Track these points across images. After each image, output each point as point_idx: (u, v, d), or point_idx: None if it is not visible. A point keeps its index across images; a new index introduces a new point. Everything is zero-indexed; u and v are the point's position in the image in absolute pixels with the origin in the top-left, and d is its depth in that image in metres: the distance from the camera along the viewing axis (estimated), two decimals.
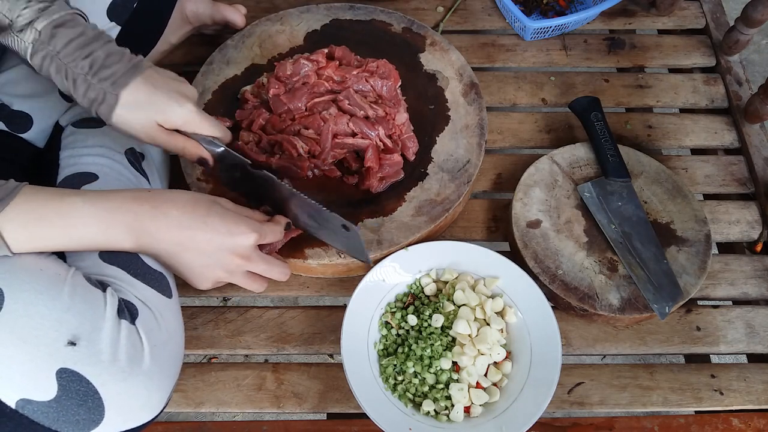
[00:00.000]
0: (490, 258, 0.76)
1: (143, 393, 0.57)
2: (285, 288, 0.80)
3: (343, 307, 0.73)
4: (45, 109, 0.75)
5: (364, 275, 0.74)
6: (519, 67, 1.01)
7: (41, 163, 0.74)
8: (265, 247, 0.70)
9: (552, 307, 0.72)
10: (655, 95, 0.97)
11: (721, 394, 0.74)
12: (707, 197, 0.89)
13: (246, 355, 0.85)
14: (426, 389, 0.69)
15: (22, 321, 0.52)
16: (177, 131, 0.67)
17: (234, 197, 0.70)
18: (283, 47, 0.93)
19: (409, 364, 0.69)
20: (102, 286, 0.59)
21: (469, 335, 0.71)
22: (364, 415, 0.67)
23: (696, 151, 0.96)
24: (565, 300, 0.74)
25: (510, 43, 1.02)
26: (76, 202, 0.58)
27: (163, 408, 0.60)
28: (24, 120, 0.73)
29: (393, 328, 0.73)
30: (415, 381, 0.69)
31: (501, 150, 0.94)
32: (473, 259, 0.76)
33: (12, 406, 0.51)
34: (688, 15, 1.06)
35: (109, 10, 0.78)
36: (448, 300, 0.73)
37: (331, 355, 0.85)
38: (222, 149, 0.71)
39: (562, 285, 0.75)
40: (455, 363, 0.70)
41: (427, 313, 0.72)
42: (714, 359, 0.81)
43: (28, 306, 0.53)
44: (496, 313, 0.73)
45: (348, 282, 0.80)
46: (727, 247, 0.87)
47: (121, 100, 0.62)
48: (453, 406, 0.68)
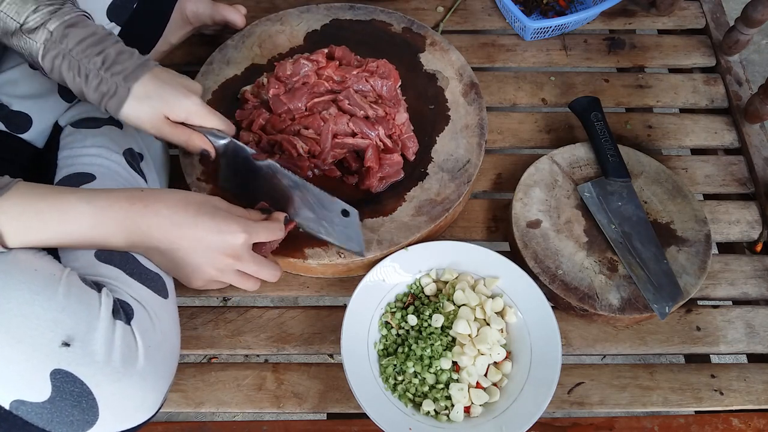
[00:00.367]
0: (490, 258, 0.76)
1: (138, 394, 0.57)
2: (285, 288, 0.80)
3: (343, 307, 0.73)
4: (44, 110, 0.75)
5: (364, 275, 0.74)
6: (519, 67, 1.01)
7: (40, 163, 0.74)
8: (265, 245, 0.70)
9: (552, 307, 0.72)
10: (655, 95, 0.97)
11: (721, 394, 0.74)
12: (707, 197, 0.89)
13: (246, 355, 0.85)
14: (426, 389, 0.69)
15: (16, 321, 0.52)
16: (182, 125, 0.70)
17: (231, 198, 0.70)
18: (283, 47, 0.93)
19: (409, 364, 0.69)
20: (97, 287, 0.58)
21: (469, 335, 0.71)
22: (364, 415, 0.67)
23: (696, 151, 0.96)
24: (565, 300, 0.74)
25: (510, 43, 1.02)
26: (69, 197, 0.58)
27: (158, 409, 0.60)
28: (23, 120, 0.73)
29: (393, 328, 0.73)
30: (415, 381, 0.69)
31: (501, 150, 0.94)
32: (473, 259, 0.76)
33: (6, 407, 0.51)
34: (688, 15, 1.06)
35: (109, 10, 0.78)
36: (448, 300, 0.73)
37: (331, 355, 0.85)
38: (227, 140, 0.73)
39: (562, 285, 0.75)
40: (455, 363, 0.70)
41: (427, 313, 0.72)
42: (714, 359, 0.81)
43: (22, 306, 0.53)
44: (496, 313, 0.73)
45: (348, 282, 0.80)
46: (727, 247, 0.87)
47: (132, 93, 0.65)
48: (453, 406, 0.68)
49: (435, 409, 0.69)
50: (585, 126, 0.86)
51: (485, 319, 0.73)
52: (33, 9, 0.62)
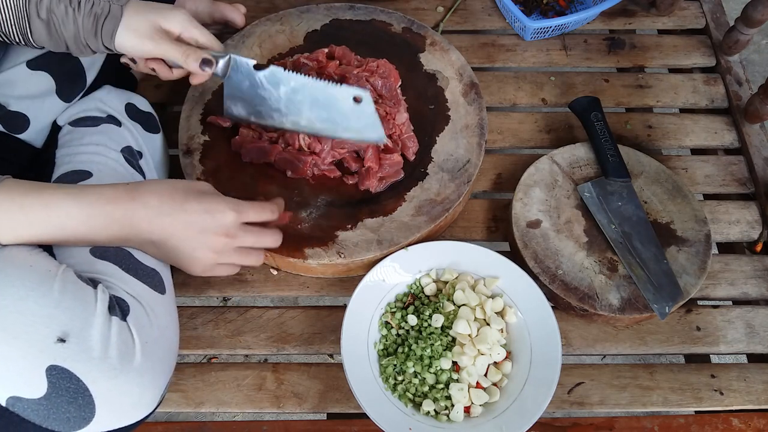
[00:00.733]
0: (490, 258, 0.76)
1: (135, 390, 0.56)
2: (285, 288, 0.80)
3: (343, 307, 0.73)
4: (42, 110, 0.75)
5: (364, 275, 0.74)
6: (519, 67, 1.01)
7: (39, 162, 0.74)
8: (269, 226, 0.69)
9: (552, 307, 0.72)
10: (655, 95, 0.97)
11: (721, 394, 0.74)
12: (707, 197, 0.89)
13: (246, 355, 0.85)
14: (426, 389, 0.69)
15: (12, 317, 0.52)
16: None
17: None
18: (283, 47, 0.93)
19: (409, 364, 0.69)
20: (93, 283, 0.58)
21: (469, 335, 0.71)
22: (364, 415, 0.67)
23: (696, 151, 0.96)
24: (565, 300, 0.74)
25: (510, 43, 1.02)
26: (54, 193, 0.58)
27: (156, 406, 0.60)
28: (21, 121, 0.73)
29: (393, 328, 0.73)
30: (415, 381, 0.69)
31: (501, 150, 0.94)
32: (473, 259, 0.76)
33: (2, 404, 0.51)
34: (688, 15, 1.06)
35: None
36: (448, 300, 0.73)
37: (331, 355, 0.85)
38: (227, 56, 0.72)
39: (562, 285, 0.75)
40: (455, 363, 0.70)
41: (427, 313, 0.72)
42: (714, 359, 0.81)
43: (18, 302, 0.53)
44: (496, 313, 0.73)
45: (348, 282, 0.80)
46: (727, 247, 0.87)
47: (126, 10, 0.67)
48: (453, 406, 0.68)
49: (435, 409, 0.69)
50: (585, 126, 0.86)
51: (485, 319, 0.73)
52: None
